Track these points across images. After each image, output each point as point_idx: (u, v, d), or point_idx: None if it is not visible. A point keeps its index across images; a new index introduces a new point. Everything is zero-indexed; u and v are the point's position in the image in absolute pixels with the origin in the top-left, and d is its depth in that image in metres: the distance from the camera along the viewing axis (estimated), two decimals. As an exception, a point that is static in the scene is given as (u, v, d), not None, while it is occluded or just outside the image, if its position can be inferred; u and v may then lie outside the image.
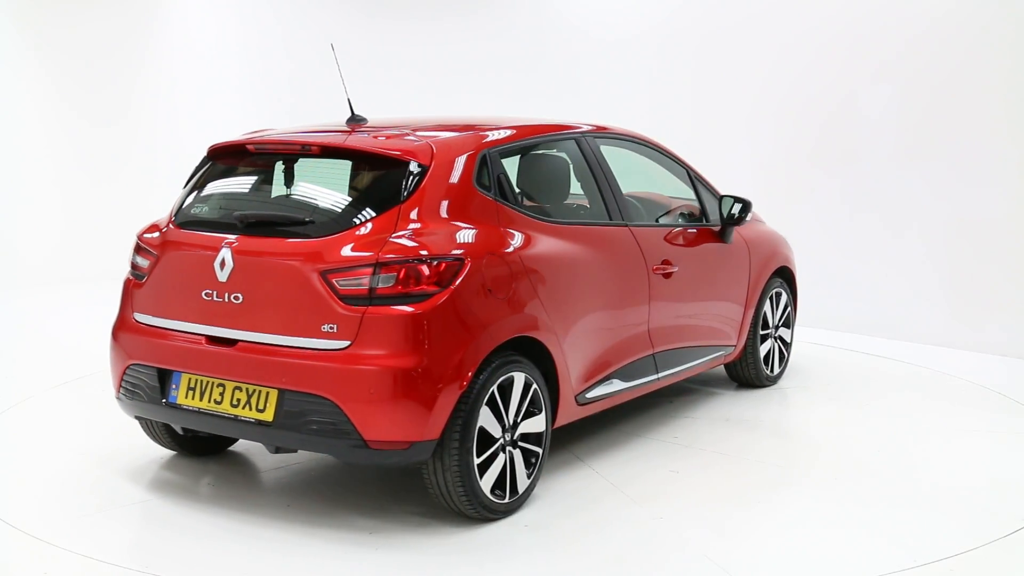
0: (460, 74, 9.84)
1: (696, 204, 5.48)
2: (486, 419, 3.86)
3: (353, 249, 3.75)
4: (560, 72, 9.34)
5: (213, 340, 3.97)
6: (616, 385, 4.66)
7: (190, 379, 4.03)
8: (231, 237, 3.98)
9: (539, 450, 4.14)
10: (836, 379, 6.28)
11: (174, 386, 4.08)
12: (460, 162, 4.06)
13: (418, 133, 4.25)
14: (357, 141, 4.12)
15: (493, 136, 4.34)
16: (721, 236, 5.46)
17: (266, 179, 4.30)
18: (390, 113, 5.84)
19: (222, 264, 3.94)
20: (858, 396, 5.92)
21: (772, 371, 6.01)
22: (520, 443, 4.05)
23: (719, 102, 8.45)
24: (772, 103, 8.13)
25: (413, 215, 3.84)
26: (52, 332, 7.90)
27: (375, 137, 4.16)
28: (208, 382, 3.98)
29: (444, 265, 3.76)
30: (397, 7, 10.25)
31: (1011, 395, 5.97)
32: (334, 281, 3.71)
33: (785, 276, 6.08)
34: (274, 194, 4.25)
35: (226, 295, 3.93)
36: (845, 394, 5.96)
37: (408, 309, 3.67)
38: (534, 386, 4.09)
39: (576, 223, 4.60)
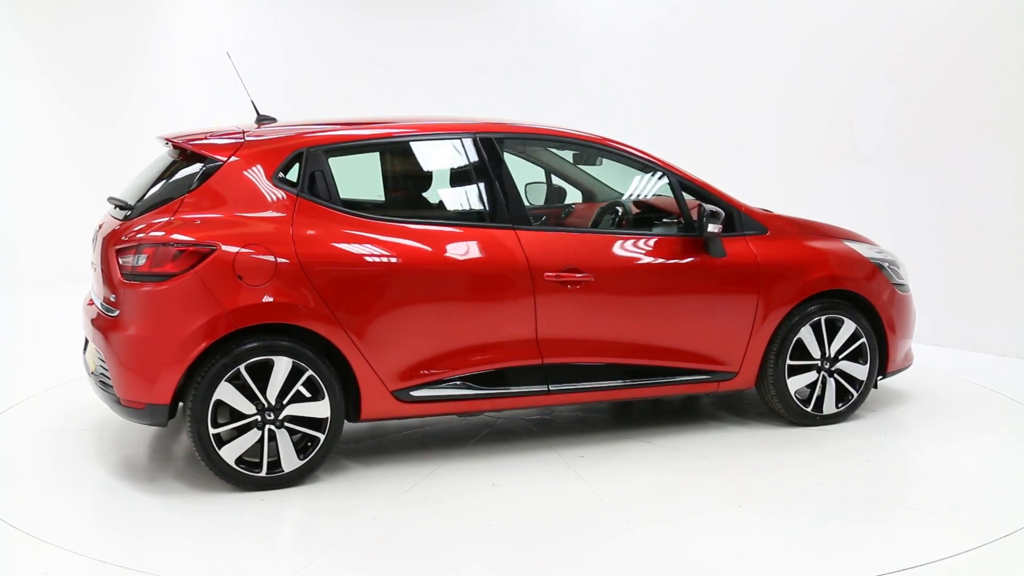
0: (460, 74, 9.85)
1: (694, 210, 5.02)
2: (228, 395, 4.24)
3: (132, 232, 4.29)
4: (562, 72, 9.34)
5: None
6: (460, 389, 4.59)
7: (86, 340, 4.80)
8: (105, 218, 4.68)
9: (319, 435, 4.38)
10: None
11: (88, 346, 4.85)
12: (261, 159, 4.44)
13: (255, 132, 4.60)
14: (185, 138, 4.62)
15: (326, 135, 4.60)
16: (706, 248, 4.95)
17: (150, 168, 4.82)
18: (391, 112, 5.83)
19: (95, 240, 4.63)
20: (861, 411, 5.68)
21: (820, 409, 5.22)
22: (289, 425, 4.34)
23: (721, 101, 8.45)
24: (772, 104, 8.13)
25: (193, 205, 4.31)
26: (52, 332, 7.90)
27: (205, 136, 4.61)
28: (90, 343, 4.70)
29: (188, 250, 4.19)
30: (397, 7, 10.25)
31: (1011, 395, 5.97)
32: (118, 259, 4.29)
33: (863, 305, 5.27)
34: (141, 181, 4.75)
35: (93, 267, 4.64)
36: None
37: (146, 287, 4.20)
38: (308, 372, 4.31)
39: (414, 222, 4.60)
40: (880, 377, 5.41)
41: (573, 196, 5.76)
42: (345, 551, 3.78)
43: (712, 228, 4.86)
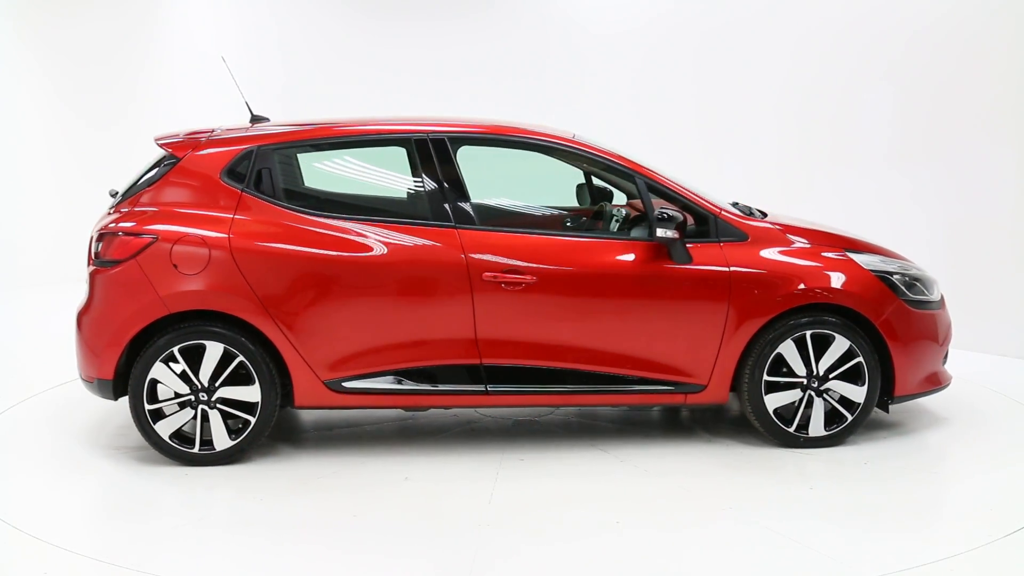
0: (460, 75, 9.84)
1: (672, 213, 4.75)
2: (162, 374, 4.60)
3: (104, 222, 4.72)
4: (562, 72, 9.34)
5: None
6: (393, 384, 4.70)
7: None
8: None
9: (251, 418, 4.65)
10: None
11: None
12: (214, 156, 4.76)
13: (221, 131, 4.90)
14: (162, 137, 4.94)
15: (274, 135, 4.85)
16: (670, 254, 4.75)
17: (147, 165, 5.09)
18: (385, 112, 5.83)
19: None
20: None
21: (806, 431, 4.88)
22: (221, 406, 4.63)
23: (721, 101, 8.45)
24: (773, 104, 8.13)
25: (150, 198, 4.73)
26: (52, 332, 7.89)
27: (176, 135, 4.94)
28: None
29: (132, 240, 4.58)
30: (397, 7, 10.25)
31: (1011, 395, 5.97)
32: (91, 245, 4.70)
33: (864, 322, 4.88)
34: (134, 176, 5.07)
35: None
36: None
37: (101, 272, 4.62)
38: (239, 358, 4.58)
39: (355, 219, 4.71)
40: (888, 401, 4.98)
41: (620, 197, 5.66)
42: (202, 525, 4.02)
43: (662, 232, 4.64)
